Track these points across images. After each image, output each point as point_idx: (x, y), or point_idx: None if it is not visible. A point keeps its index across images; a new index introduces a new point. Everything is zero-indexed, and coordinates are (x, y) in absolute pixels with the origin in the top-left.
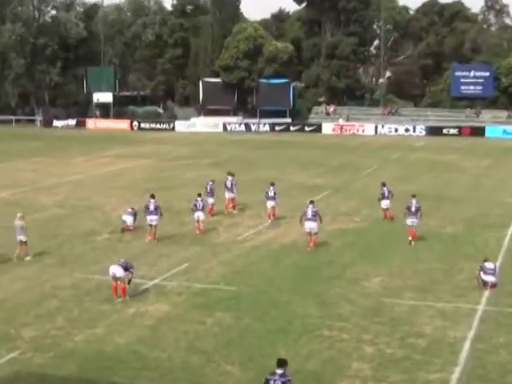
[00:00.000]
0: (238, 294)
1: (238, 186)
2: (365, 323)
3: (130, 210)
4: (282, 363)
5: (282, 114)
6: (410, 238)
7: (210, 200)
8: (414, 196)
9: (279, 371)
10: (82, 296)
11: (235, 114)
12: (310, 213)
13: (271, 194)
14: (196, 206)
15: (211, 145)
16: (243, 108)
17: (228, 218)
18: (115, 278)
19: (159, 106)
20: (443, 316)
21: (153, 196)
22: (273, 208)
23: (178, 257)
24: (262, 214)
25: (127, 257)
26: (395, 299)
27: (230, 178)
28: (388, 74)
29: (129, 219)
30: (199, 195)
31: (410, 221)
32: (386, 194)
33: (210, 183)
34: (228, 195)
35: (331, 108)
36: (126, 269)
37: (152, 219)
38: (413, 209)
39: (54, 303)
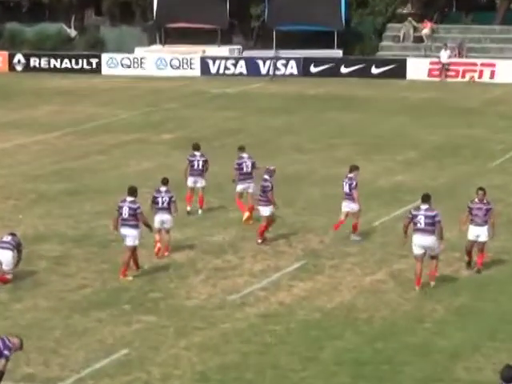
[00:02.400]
0: None
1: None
2: None
3: (7, 238)
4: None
5: (324, 42)
6: None
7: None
8: None
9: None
10: None
11: (227, 39)
12: (423, 219)
13: None
14: (158, 201)
15: (177, 103)
16: (243, 28)
17: (215, 249)
18: None
19: (68, 24)
20: None
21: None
22: None
23: (104, 333)
24: (282, 245)
25: None
26: None
27: (197, 154)
28: None
29: (5, 257)
30: (164, 182)
31: None
32: None
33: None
34: (192, 182)
35: (425, 28)
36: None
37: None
38: None
39: None
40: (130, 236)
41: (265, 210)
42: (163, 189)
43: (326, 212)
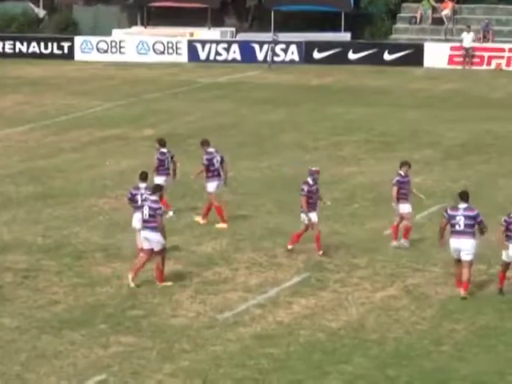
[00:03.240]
0: None
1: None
2: None
3: None
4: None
5: (330, 24)
6: None
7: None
8: None
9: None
10: None
11: (218, 21)
12: (462, 220)
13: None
14: (137, 199)
15: (161, 94)
16: (237, 8)
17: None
18: None
19: (37, 2)
20: None
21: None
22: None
23: (78, 356)
24: (280, 256)
25: None
26: None
27: (163, 150)
28: None
29: None
30: (143, 177)
31: None
32: None
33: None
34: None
35: (446, 8)
36: None
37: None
38: None
39: None
40: (152, 240)
41: (315, 216)
42: (142, 185)
43: (331, 218)
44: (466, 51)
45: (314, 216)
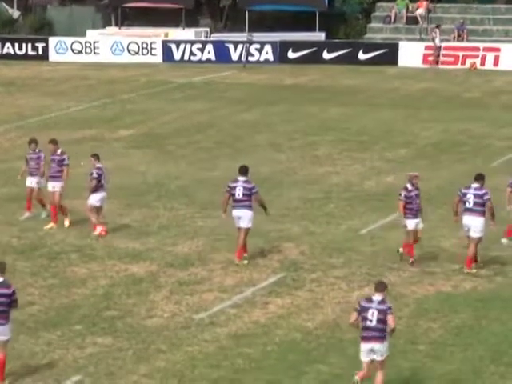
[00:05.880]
0: None
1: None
2: None
3: None
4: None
5: (304, 23)
6: None
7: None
8: None
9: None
10: None
11: (192, 21)
12: (472, 198)
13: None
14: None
15: (136, 94)
16: (211, 8)
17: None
18: None
19: (11, 3)
20: None
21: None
22: None
23: (54, 357)
24: (256, 256)
25: None
26: None
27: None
28: None
29: None
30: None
31: None
32: None
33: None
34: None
35: (420, 7)
36: None
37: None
38: None
39: None
40: (245, 217)
41: (412, 223)
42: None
43: (306, 218)
44: (438, 50)
45: (410, 223)
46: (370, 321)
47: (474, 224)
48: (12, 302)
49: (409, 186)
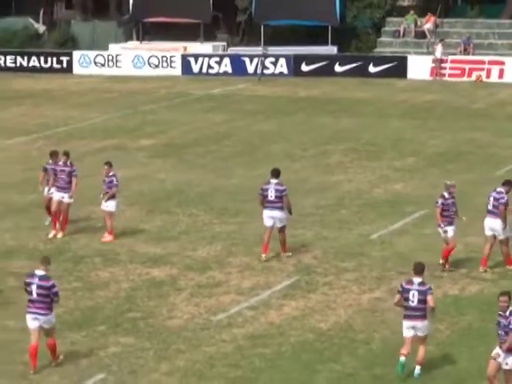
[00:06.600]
0: None
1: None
2: None
3: None
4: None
5: (317, 38)
6: None
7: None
8: None
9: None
10: None
11: (210, 35)
12: (492, 200)
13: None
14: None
15: (156, 106)
16: (228, 23)
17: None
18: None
19: (37, 18)
20: None
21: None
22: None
23: (79, 356)
24: (272, 260)
25: None
26: None
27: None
28: None
29: None
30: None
31: None
32: None
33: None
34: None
35: (428, 22)
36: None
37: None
38: None
39: None
40: (278, 217)
41: (449, 230)
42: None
43: (319, 224)
44: (439, 62)
45: (449, 230)
46: (412, 301)
47: (494, 226)
48: (52, 295)
49: (446, 195)
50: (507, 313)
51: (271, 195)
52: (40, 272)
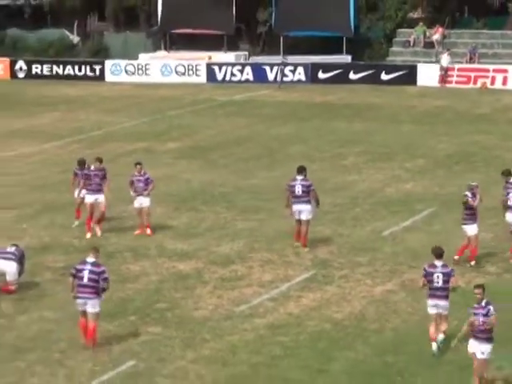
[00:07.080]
0: None
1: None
2: None
3: (10, 249)
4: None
5: (333, 47)
6: None
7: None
8: None
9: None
10: None
11: (233, 45)
12: (511, 195)
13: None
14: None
15: (183, 111)
16: (250, 34)
17: (217, 259)
18: None
19: (71, 30)
20: None
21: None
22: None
23: (111, 344)
24: (290, 255)
25: None
26: None
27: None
28: None
29: (9, 268)
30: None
31: None
32: None
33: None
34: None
35: (436, 34)
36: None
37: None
38: None
39: None
40: (305, 211)
41: (472, 228)
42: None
43: (335, 221)
44: (445, 70)
45: (471, 228)
46: (437, 282)
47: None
48: (102, 280)
49: (469, 195)
50: (483, 303)
51: (298, 190)
52: (91, 259)
